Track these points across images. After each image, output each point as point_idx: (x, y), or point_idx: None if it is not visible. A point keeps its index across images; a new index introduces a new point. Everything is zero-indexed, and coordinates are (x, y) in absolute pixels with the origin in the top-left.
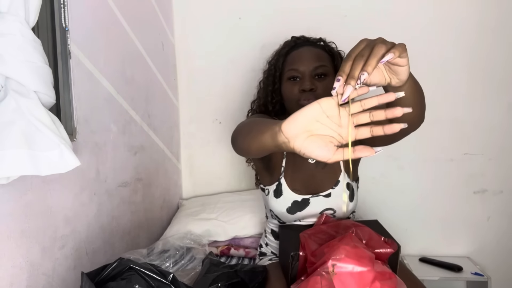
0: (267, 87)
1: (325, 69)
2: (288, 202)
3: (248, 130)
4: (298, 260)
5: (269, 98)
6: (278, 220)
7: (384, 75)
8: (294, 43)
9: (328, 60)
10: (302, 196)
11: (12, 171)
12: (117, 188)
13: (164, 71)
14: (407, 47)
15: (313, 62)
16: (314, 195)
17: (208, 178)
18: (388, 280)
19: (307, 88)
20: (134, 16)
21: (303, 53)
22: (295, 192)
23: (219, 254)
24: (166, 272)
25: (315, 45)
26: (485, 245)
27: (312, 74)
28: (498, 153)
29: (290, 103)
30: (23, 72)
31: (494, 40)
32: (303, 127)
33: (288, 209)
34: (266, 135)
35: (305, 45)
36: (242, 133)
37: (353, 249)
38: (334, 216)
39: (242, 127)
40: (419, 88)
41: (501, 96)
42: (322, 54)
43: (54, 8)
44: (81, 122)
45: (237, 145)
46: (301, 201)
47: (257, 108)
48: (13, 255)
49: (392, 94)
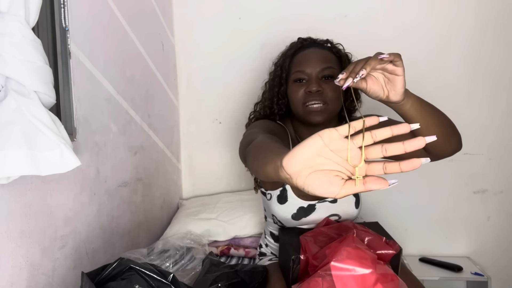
0: (273, 89)
1: (332, 71)
2: (294, 209)
3: (255, 155)
4: (299, 264)
5: (275, 99)
6: (279, 224)
7: (383, 86)
8: (300, 44)
9: (335, 62)
10: (308, 202)
11: (12, 171)
12: (117, 188)
13: (164, 71)
14: (405, 52)
15: (320, 64)
16: (320, 201)
17: (208, 178)
18: (390, 282)
19: (313, 90)
20: (134, 16)
21: (309, 54)
22: (300, 198)
23: (219, 254)
24: (166, 272)
25: (322, 46)
26: (485, 245)
27: (319, 76)
28: (498, 153)
29: (296, 106)
30: (23, 72)
31: (494, 40)
32: (304, 163)
33: (293, 216)
34: (270, 168)
35: (312, 47)
36: (250, 155)
37: (355, 251)
38: (339, 222)
39: (250, 150)
40: (435, 110)
41: (501, 96)
42: (329, 56)
43: (54, 8)
44: (81, 122)
45: (249, 166)
46: (307, 207)
47: (261, 109)
48: (13, 255)
49: (407, 125)
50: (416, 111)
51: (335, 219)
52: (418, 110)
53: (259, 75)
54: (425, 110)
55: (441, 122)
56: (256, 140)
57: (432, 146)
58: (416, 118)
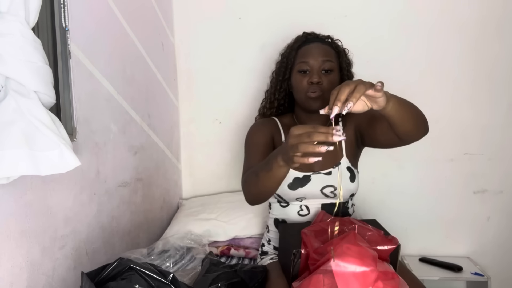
0: (278, 77)
1: (331, 64)
2: (289, 179)
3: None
4: (300, 258)
5: (278, 87)
6: (280, 200)
7: (366, 103)
8: (305, 38)
9: (334, 56)
10: (303, 173)
11: (12, 171)
12: (117, 188)
13: (164, 71)
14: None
15: (321, 57)
16: (315, 172)
17: (208, 178)
18: (391, 280)
19: (315, 81)
20: (134, 16)
21: (312, 48)
22: (296, 170)
23: (219, 254)
24: (166, 272)
25: (323, 41)
26: (485, 245)
27: (320, 68)
28: (498, 153)
29: (299, 94)
30: (23, 72)
31: (495, 40)
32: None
33: (289, 185)
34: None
35: (315, 41)
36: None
37: (356, 248)
38: (334, 194)
39: (247, 178)
40: (409, 106)
41: (501, 96)
42: (329, 51)
43: (54, 8)
44: (81, 122)
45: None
46: (302, 178)
47: (269, 96)
48: (13, 255)
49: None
50: (395, 110)
51: (330, 190)
52: (397, 109)
53: (259, 75)
54: (402, 108)
55: (413, 115)
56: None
57: (404, 134)
58: (395, 116)
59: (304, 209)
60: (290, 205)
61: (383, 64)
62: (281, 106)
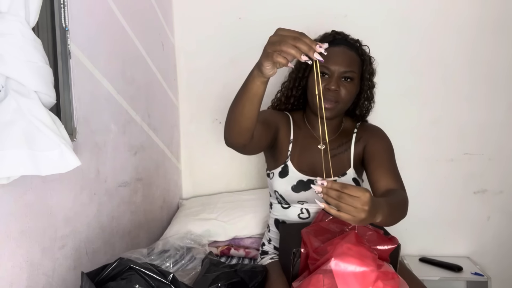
0: (298, 73)
1: (353, 74)
2: (294, 181)
3: (232, 103)
4: (300, 257)
5: (296, 84)
6: (281, 201)
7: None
8: (333, 38)
9: (358, 65)
10: (308, 177)
11: (13, 171)
12: (117, 188)
13: (164, 71)
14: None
15: (344, 66)
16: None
17: (208, 178)
18: (391, 280)
19: (332, 89)
20: (134, 16)
21: (338, 53)
22: (301, 173)
23: (219, 254)
24: (166, 272)
25: (351, 46)
26: (485, 245)
27: (340, 76)
28: (498, 153)
29: (313, 97)
30: (24, 72)
31: (495, 40)
32: None
33: (293, 187)
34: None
35: (342, 44)
36: (229, 110)
37: (356, 248)
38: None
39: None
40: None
41: (501, 96)
42: (354, 59)
43: (54, 8)
44: (81, 122)
45: (228, 122)
46: (307, 181)
47: (284, 90)
48: (13, 255)
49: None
50: (385, 218)
51: None
52: (386, 216)
53: None
54: (391, 214)
55: (398, 213)
56: None
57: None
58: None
59: (305, 212)
60: (291, 207)
61: (383, 64)
62: (296, 102)
